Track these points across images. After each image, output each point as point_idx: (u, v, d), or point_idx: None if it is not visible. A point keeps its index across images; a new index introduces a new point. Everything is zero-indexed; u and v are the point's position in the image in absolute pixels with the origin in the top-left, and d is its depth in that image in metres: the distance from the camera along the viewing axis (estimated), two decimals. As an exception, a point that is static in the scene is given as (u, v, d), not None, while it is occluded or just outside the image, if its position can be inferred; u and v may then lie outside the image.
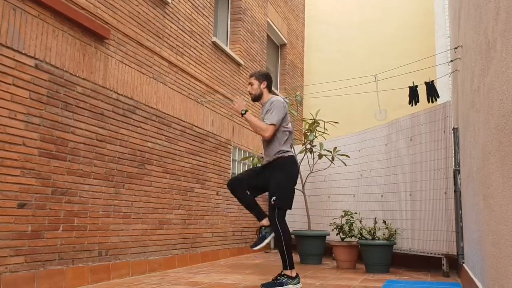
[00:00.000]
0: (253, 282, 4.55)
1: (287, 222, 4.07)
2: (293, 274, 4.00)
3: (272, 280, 4.02)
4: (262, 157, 4.83)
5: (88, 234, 4.32)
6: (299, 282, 4.02)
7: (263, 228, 4.15)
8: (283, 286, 3.93)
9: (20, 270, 3.57)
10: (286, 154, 4.13)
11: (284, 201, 4.07)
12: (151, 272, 5.19)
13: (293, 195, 4.17)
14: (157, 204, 5.45)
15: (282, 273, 4.00)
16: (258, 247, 4.12)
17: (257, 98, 4.32)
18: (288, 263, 3.98)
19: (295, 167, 4.21)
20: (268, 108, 4.15)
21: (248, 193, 4.18)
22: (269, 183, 4.10)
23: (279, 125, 4.10)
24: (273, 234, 4.10)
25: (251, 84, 4.30)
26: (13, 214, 3.54)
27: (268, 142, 4.18)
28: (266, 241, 4.13)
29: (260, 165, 4.31)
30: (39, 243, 3.77)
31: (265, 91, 4.30)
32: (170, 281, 4.59)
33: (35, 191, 3.75)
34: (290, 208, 4.13)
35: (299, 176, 7.23)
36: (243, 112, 4.17)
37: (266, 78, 4.31)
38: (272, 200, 4.01)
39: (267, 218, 4.14)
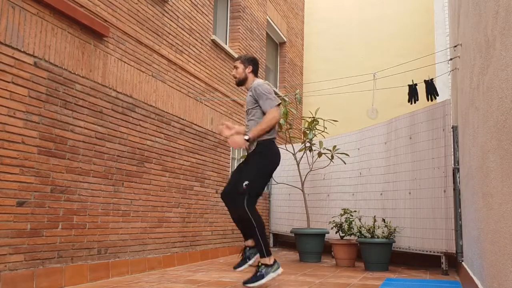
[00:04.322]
0: (252, 280, 4.55)
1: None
2: (271, 261, 3.79)
3: (253, 274, 3.85)
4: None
5: (87, 232, 4.32)
6: (278, 268, 3.82)
7: (248, 248, 3.99)
8: (264, 277, 3.73)
9: (19, 268, 3.57)
10: (267, 141, 3.92)
11: (256, 187, 3.83)
12: (150, 270, 5.19)
13: (267, 183, 3.96)
14: (156, 202, 5.46)
15: (260, 264, 3.81)
16: (241, 268, 3.96)
17: (241, 82, 4.14)
18: (264, 250, 3.79)
19: (275, 154, 3.96)
20: (254, 95, 3.95)
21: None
22: (244, 167, 3.88)
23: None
24: (257, 256, 3.91)
25: (236, 67, 4.13)
26: (12, 212, 3.54)
27: (251, 127, 4.00)
28: (250, 263, 3.96)
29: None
30: (38, 241, 3.77)
31: (250, 76, 4.11)
32: (169, 279, 4.59)
33: (34, 189, 3.75)
34: (261, 195, 3.91)
35: (299, 174, 7.31)
36: (246, 138, 3.88)
37: (252, 62, 4.11)
38: (244, 184, 3.76)
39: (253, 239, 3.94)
